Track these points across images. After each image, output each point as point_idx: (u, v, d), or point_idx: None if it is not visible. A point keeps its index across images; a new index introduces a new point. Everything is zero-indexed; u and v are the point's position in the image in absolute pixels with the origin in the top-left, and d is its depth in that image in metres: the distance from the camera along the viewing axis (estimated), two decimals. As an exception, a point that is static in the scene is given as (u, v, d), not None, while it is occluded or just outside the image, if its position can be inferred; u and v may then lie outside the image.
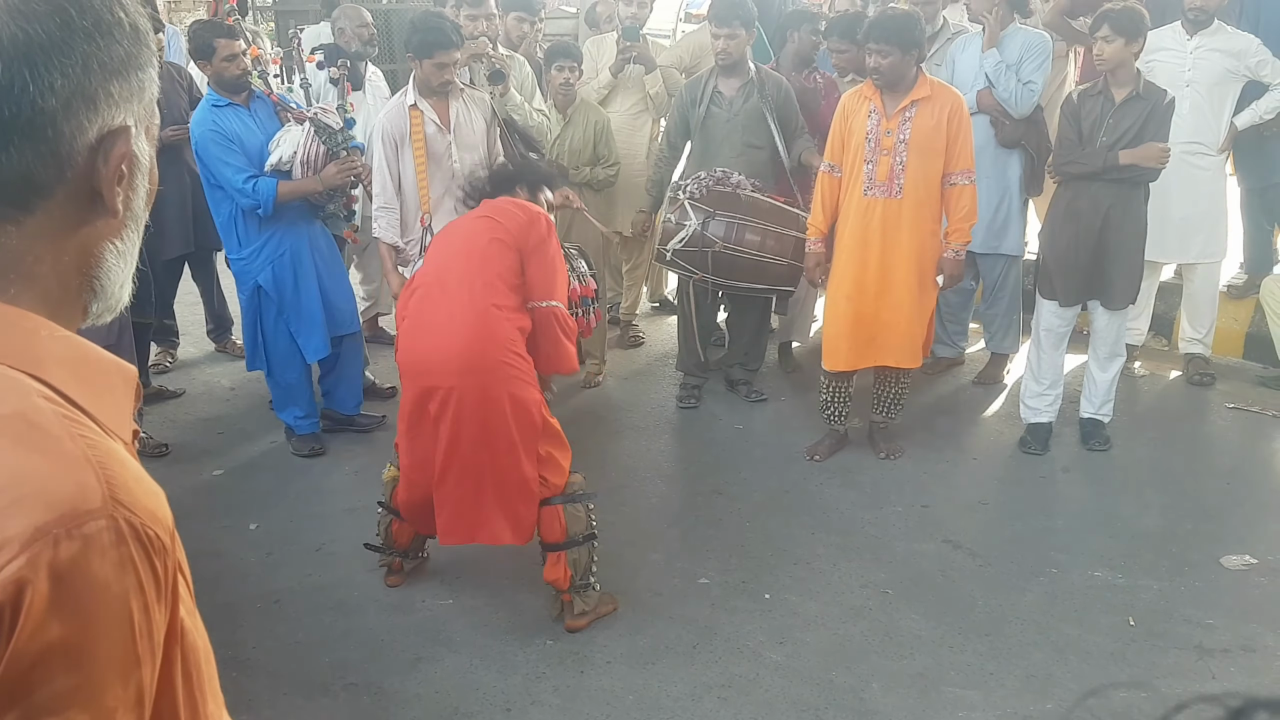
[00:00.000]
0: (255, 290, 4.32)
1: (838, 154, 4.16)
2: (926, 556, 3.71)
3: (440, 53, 3.87)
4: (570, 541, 3.18)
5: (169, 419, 4.97)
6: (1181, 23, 4.89)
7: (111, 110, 0.83)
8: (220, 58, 4.13)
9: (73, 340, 0.84)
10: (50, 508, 0.72)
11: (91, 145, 0.82)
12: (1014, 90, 4.68)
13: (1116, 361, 4.45)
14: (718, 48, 4.60)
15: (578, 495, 3.20)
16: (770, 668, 3.10)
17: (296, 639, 3.28)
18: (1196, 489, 4.19)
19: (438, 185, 4.07)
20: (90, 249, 0.86)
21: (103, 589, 0.73)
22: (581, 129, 4.99)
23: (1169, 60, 4.87)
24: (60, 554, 0.71)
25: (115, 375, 0.86)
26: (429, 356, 3.10)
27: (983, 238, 4.89)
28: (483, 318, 3.08)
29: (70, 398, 0.79)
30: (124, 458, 0.79)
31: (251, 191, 4.09)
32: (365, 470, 4.39)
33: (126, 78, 0.84)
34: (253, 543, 3.85)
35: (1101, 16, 4.12)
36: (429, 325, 3.13)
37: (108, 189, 0.84)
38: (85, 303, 0.88)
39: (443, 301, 3.14)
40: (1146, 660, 3.11)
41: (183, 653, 0.83)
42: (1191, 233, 4.95)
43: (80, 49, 0.80)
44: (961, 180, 4.06)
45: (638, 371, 5.53)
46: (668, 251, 4.55)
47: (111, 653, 0.74)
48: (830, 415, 4.44)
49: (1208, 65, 4.85)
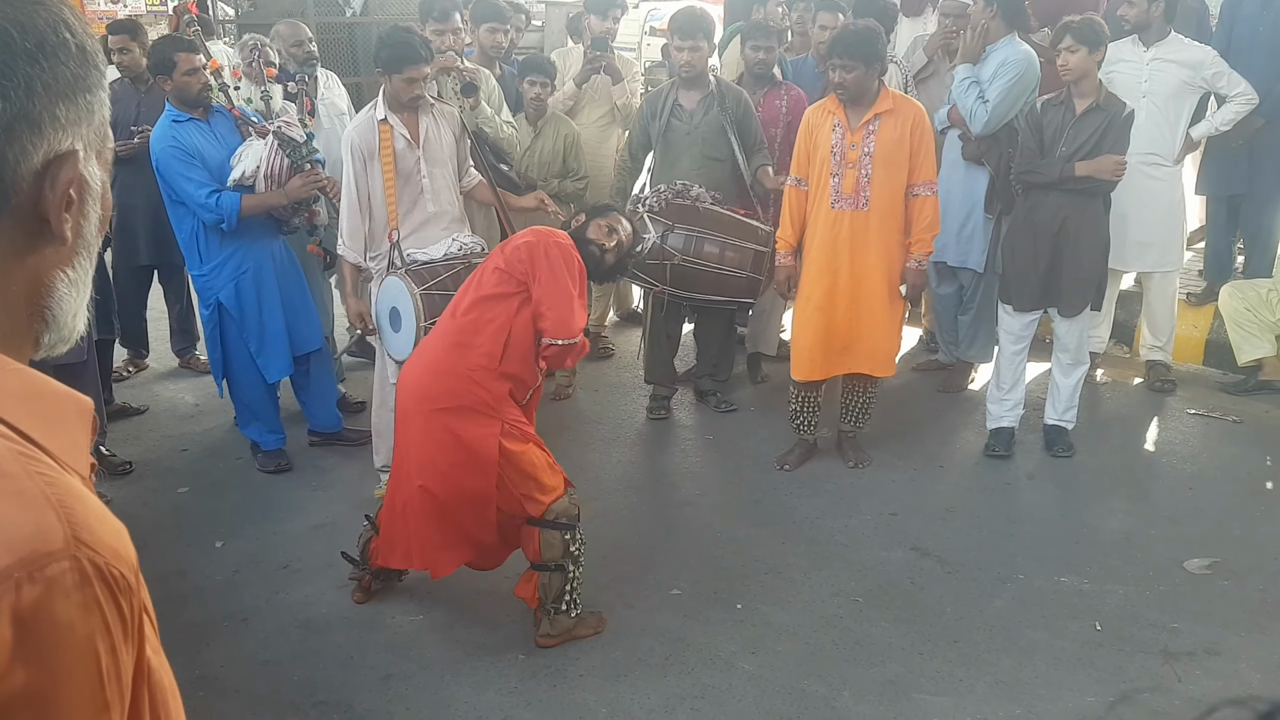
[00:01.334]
0: (217, 307, 4.27)
1: (804, 167, 4.19)
2: (895, 564, 3.73)
3: (410, 68, 3.86)
4: (542, 565, 3.16)
5: (133, 436, 4.91)
6: (1138, 35, 4.97)
7: (58, 134, 0.80)
8: (181, 72, 4.10)
9: (25, 373, 0.80)
10: (10, 550, 0.68)
11: (37, 171, 0.79)
12: (969, 107, 4.70)
13: (1079, 369, 4.51)
14: (680, 60, 4.62)
15: (557, 524, 3.14)
16: (743, 678, 3.10)
17: (265, 657, 3.24)
18: (1159, 494, 4.25)
19: (405, 201, 4.05)
20: (40, 278, 0.83)
21: (68, 633, 0.70)
22: (551, 141, 5.00)
23: (1126, 71, 4.95)
24: (23, 599, 0.68)
25: (70, 408, 0.83)
26: (404, 379, 3.22)
27: (954, 250, 4.94)
28: (445, 355, 3.13)
29: (25, 433, 0.76)
30: (84, 494, 0.76)
31: (215, 206, 4.05)
32: (332, 486, 4.36)
33: (74, 100, 0.81)
34: (219, 561, 3.81)
35: (1063, 28, 4.19)
36: (415, 358, 3.26)
37: (55, 215, 0.81)
38: (36, 334, 0.85)
39: (439, 326, 3.26)
40: (1113, 665, 3.14)
41: (150, 692, 0.80)
42: (1148, 242, 5.03)
43: (22, 71, 0.77)
44: (924, 191, 4.11)
45: (608, 384, 5.53)
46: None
47: (79, 699, 0.71)
48: (800, 425, 4.47)
49: (1164, 77, 4.94)
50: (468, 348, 3.10)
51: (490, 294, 3.14)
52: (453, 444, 3.07)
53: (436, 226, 4.09)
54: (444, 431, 3.07)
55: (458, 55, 4.65)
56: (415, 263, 3.94)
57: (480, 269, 3.29)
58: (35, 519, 0.71)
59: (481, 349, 3.09)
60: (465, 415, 3.06)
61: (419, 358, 3.25)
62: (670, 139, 4.72)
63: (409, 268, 3.92)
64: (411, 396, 3.16)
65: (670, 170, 4.71)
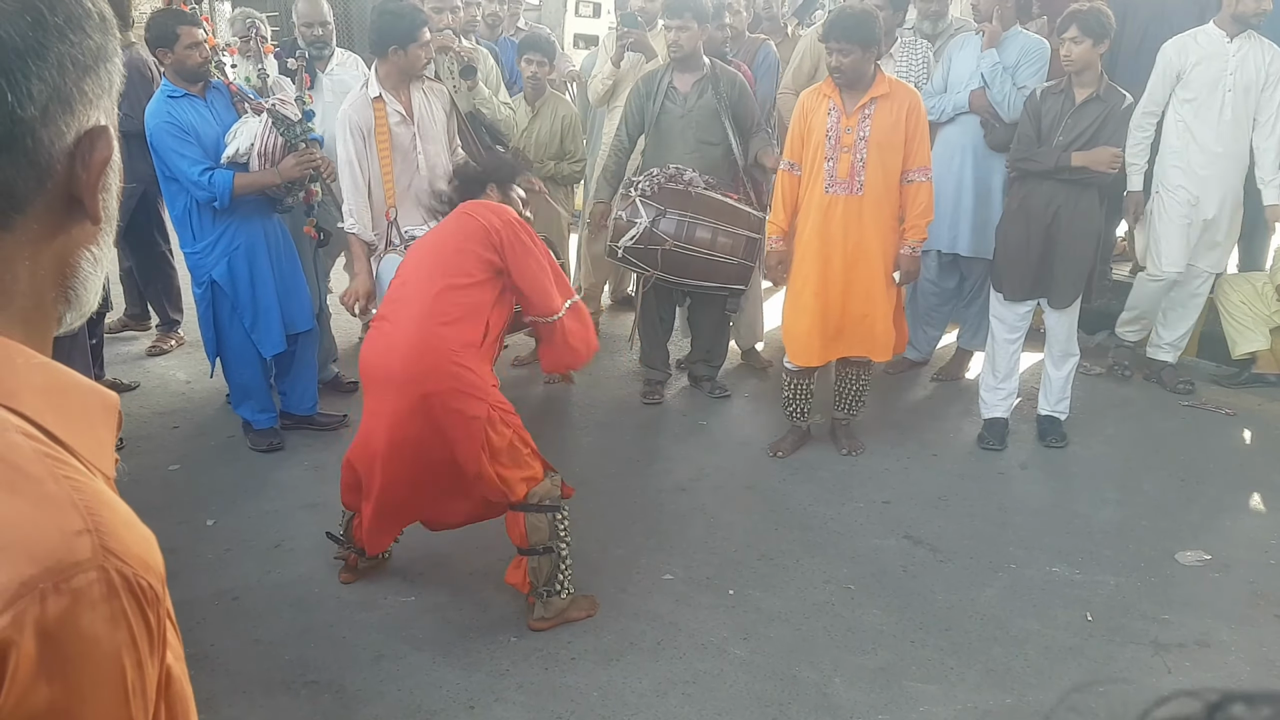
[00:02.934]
0: (210, 285, 4.24)
1: (798, 152, 4.17)
2: (888, 552, 3.74)
3: (422, 31, 3.87)
4: (530, 550, 3.15)
5: (124, 413, 4.84)
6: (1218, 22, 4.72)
7: (86, 110, 0.77)
8: (183, 45, 4.04)
9: (50, 368, 0.77)
10: (35, 560, 0.65)
11: (69, 150, 0.76)
12: (1008, 94, 4.66)
13: (1070, 360, 4.52)
14: (669, 39, 4.55)
15: (542, 505, 3.13)
16: (734, 663, 3.10)
17: (256, 636, 3.23)
18: (1152, 485, 4.26)
19: (403, 178, 4.04)
20: (67, 258, 0.80)
21: (94, 647, 0.67)
22: (550, 122, 4.97)
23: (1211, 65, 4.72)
24: (48, 611, 0.65)
25: (95, 404, 0.80)
26: (374, 363, 3.12)
27: (969, 240, 4.90)
28: (425, 334, 3.04)
29: (50, 431, 0.72)
30: (111, 499, 0.73)
31: (207, 184, 4.01)
32: (324, 465, 4.34)
33: (97, 73, 0.78)
34: (210, 539, 3.79)
35: (1069, 17, 4.14)
36: (382, 333, 3.14)
37: (90, 196, 0.78)
38: (60, 314, 0.82)
39: (400, 312, 3.13)
40: (1104, 655, 3.15)
41: (168, 703, 0.77)
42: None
43: (55, 49, 0.74)
44: (919, 177, 4.10)
45: (602, 368, 5.51)
46: (619, 249, 4.52)
47: (104, 715, 0.69)
48: (793, 412, 4.46)
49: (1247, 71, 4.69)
50: (450, 327, 3.03)
51: (472, 282, 3.08)
52: (439, 424, 3.02)
53: None
54: (431, 411, 3.01)
55: (456, 35, 4.61)
56: (414, 239, 3.93)
57: (437, 247, 3.20)
58: (61, 526, 0.67)
59: (465, 331, 3.04)
60: (453, 396, 3.01)
61: (387, 337, 3.11)
62: (664, 122, 4.67)
63: (407, 243, 3.91)
64: (386, 375, 3.06)
65: (664, 154, 4.66)
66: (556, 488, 3.17)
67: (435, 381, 3.00)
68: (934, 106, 4.91)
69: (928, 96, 4.93)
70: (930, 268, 5.16)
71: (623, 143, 4.91)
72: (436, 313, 3.05)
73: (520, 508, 3.11)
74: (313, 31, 4.85)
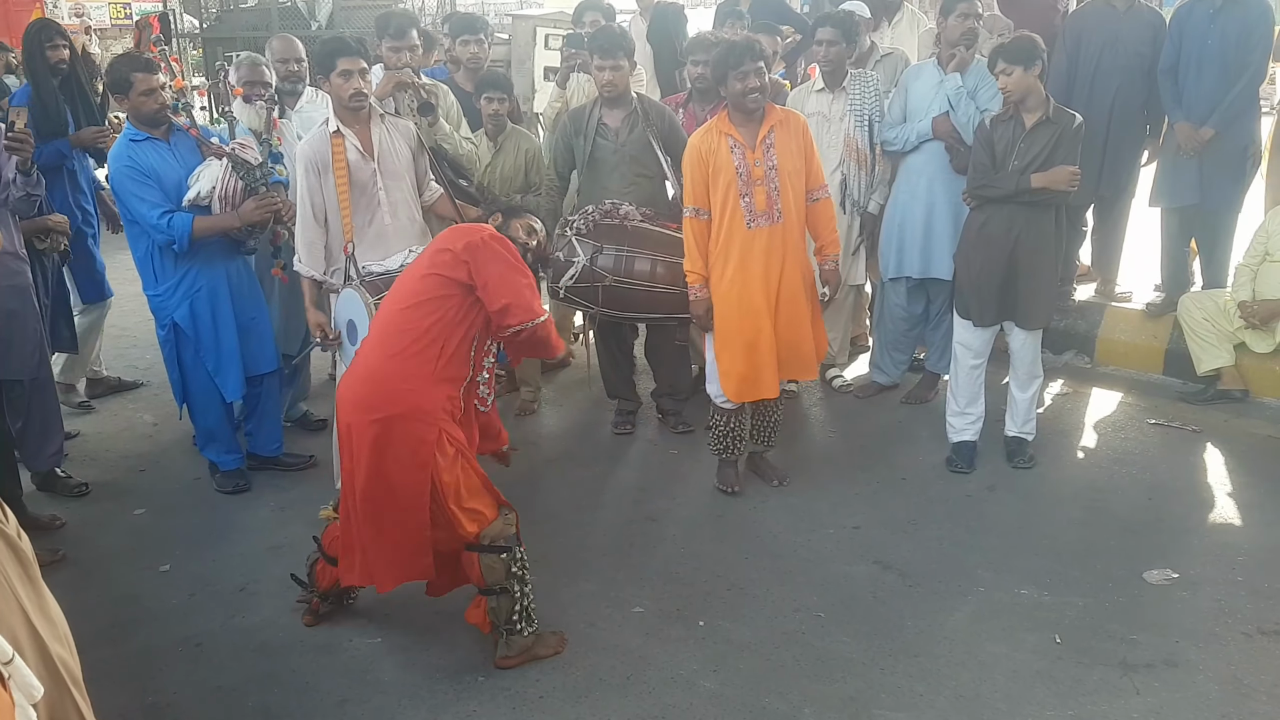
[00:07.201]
0: (172, 327, 4.22)
1: (702, 197, 4.08)
2: (857, 578, 3.73)
3: (342, 59, 3.87)
4: (488, 590, 3.12)
5: (90, 457, 4.85)
6: None
7: None
8: (138, 92, 4.04)
9: None
10: None
11: None
12: (973, 115, 4.70)
13: (1035, 382, 4.54)
14: (603, 80, 4.55)
15: (494, 546, 3.08)
16: (704, 696, 3.08)
17: (219, 683, 3.19)
18: (1119, 504, 4.27)
19: (362, 213, 4.03)
20: None
21: None
22: (513, 156, 4.99)
23: None
24: None
25: None
26: (342, 394, 3.15)
27: (946, 262, 4.88)
28: (374, 365, 3.07)
29: None
30: None
31: (166, 227, 4.00)
32: (290, 507, 4.31)
33: None
34: (174, 584, 3.75)
35: (994, 54, 4.22)
36: (350, 368, 3.20)
37: None
38: None
39: (370, 339, 3.19)
40: (1072, 678, 3.15)
41: None
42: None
43: None
44: (822, 195, 4.19)
45: (571, 398, 5.51)
46: (560, 289, 4.52)
47: None
48: (724, 449, 4.40)
49: None
50: (403, 356, 3.03)
51: (423, 300, 3.06)
52: (388, 449, 3.00)
53: (396, 240, 4.08)
54: (381, 438, 3.00)
55: (415, 72, 4.62)
56: (371, 274, 3.93)
57: (403, 278, 3.22)
58: None
59: (418, 356, 3.02)
60: (402, 421, 2.99)
61: (354, 370, 3.17)
62: (597, 158, 4.67)
63: (364, 279, 3.91)
64: (349, 408, 3.08)
65: (600, 190, 4.65)
66: (510, 526, 3.13)
67: (386, 407, 3.00)
68: (896, 136, 4.96)
69: (888, 128, 4.99)
70: (900, 293, 5.18)
71: (553, 181, 4.89)
72: (387, 343, 3.08)
73: (475, 548, 3.08)
74: (287, 67, 4.87)
